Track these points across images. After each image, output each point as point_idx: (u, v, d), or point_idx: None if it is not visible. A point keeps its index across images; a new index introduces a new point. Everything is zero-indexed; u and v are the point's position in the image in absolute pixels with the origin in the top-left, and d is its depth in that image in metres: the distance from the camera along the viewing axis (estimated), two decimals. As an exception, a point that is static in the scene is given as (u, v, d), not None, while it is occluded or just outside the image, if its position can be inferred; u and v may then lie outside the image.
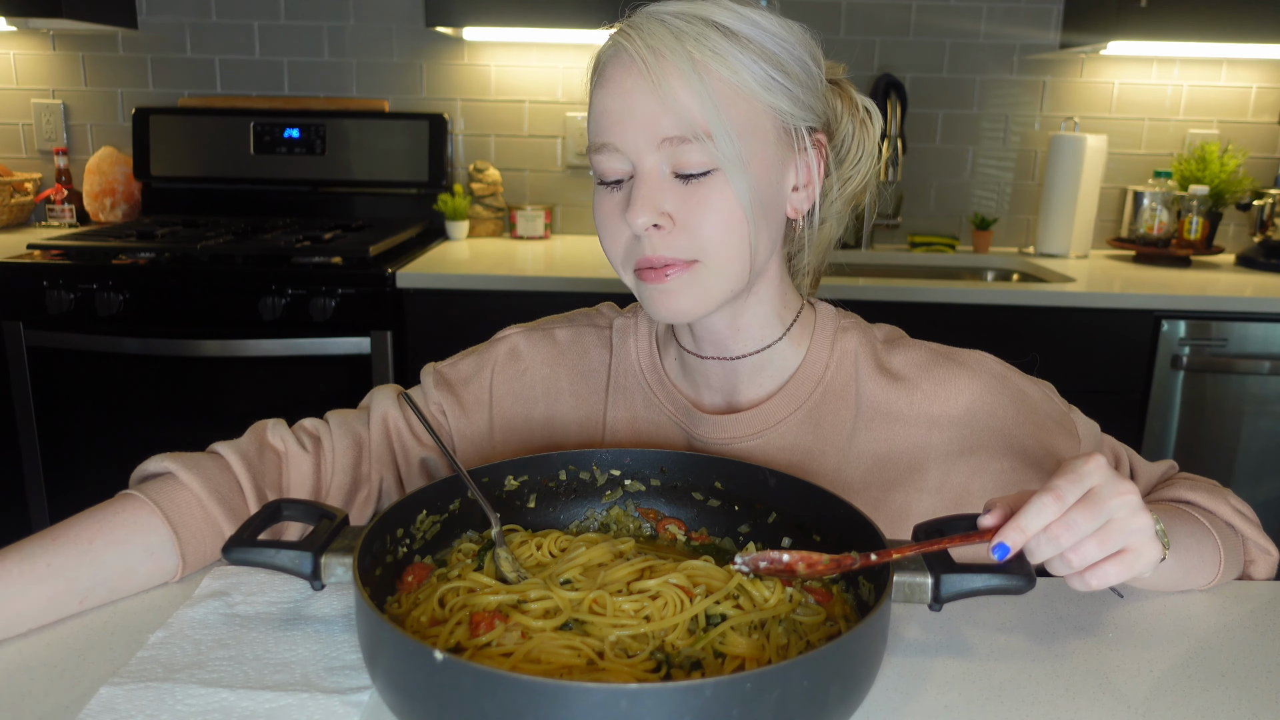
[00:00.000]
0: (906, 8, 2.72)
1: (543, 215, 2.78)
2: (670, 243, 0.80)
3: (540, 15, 2.40)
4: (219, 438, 0.93)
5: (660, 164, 0.79)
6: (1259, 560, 0.88)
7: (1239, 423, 2.29)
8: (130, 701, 0.64)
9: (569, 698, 0.51)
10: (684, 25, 0.78)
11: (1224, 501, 0.88)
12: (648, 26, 0.78)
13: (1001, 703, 0.67)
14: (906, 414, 0.89)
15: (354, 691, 0.66)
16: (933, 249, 2.80)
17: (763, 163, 0.80)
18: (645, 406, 0.95)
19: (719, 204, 0.79)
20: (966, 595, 0.66)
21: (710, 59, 0.77)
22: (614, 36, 0.81)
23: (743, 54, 0.78)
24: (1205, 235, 2.66)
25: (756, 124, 0.79)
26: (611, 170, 0.81)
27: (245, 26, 2.77)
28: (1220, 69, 2.75)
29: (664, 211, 0.79)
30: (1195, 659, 0.73)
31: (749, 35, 0.79)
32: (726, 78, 0.77)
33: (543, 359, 0.98)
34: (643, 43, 0.77)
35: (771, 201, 0.83)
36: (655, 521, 0.85)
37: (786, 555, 0.68)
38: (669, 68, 0.76)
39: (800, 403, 0.90)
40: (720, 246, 0.80)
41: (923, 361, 0.90)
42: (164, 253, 2.26)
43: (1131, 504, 0.65)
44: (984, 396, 0.88)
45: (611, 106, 0.79)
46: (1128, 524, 0.65)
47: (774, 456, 0.90)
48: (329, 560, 0.70)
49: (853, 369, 0.90)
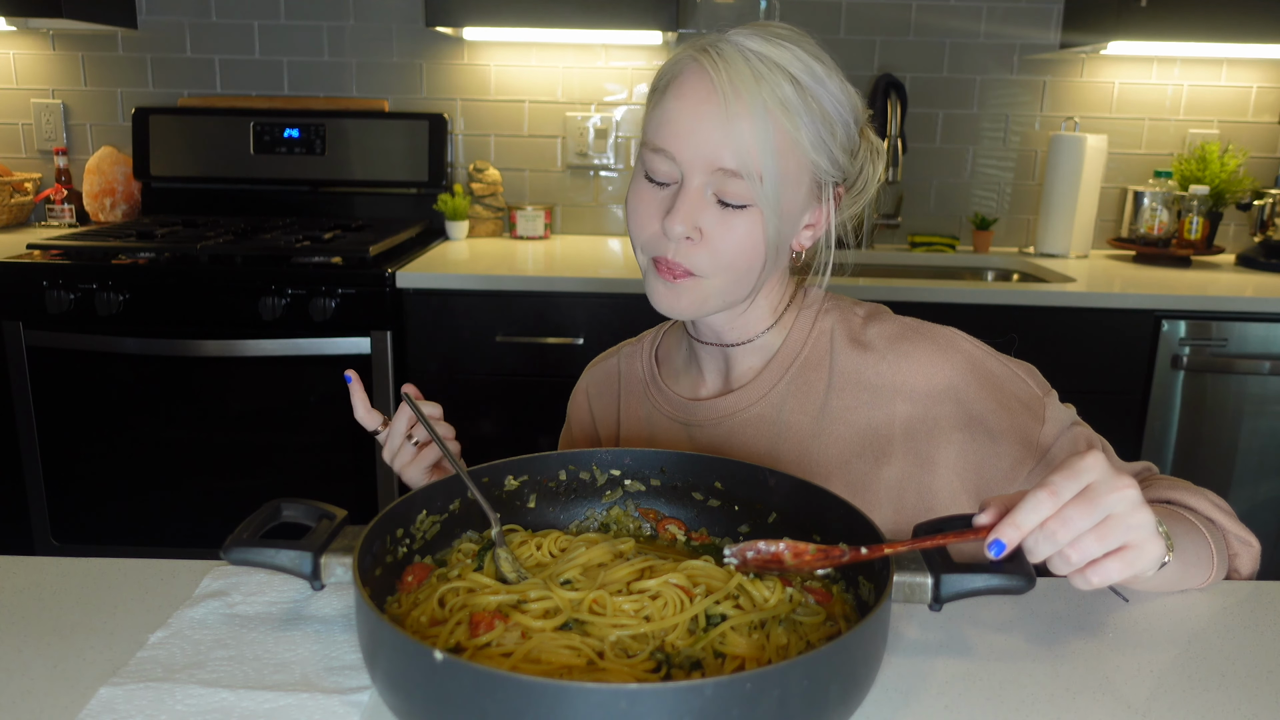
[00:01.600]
0: (906, 8, 2.72)
1: (543, 215, 2.78)
2: (692, 255, 0.88)
3: (540, 15, 2.40)
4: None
5: (706, 185, 0.86)
6: (1241, 553, 0.89)
7: (1239, 423, 2.29)
8: (130, 701, 0.64)
9: (569, 698, 0.51)
10: (765, 70, 0.84)
11: (1203, 498, 0.89)
12: (734, 60, 0.84)
13: (1001, 703, 0.67)
14: (874, 383, 0.94)
15: (354, 691, 0.66)
16: (933, 249, 2.80)
17: (791, 207, 0.89)
18: (647, 410, 1.06)
19: (745, 234, 0.87)
20: (966, 595, 0.66)
21: (779, 110, 0.84)
22: (698, 55, 0.86)
23: (806, 113, 0.85)
24: (1205, 235, 2.65)
25: (798, 176, 0.88)
26: (661, 172, 0.88)
27: (245, 26, 2.77)
28: (1220, 69, 2.75)
29: (698, 226, 0.87)
30: (1195, 659, 0.73)
31: (814, 93, 0.86)
32: (787, 130, 0.85)
33: (588, 393, 1.15)
34: (727, 75, 0.83)
35: (787, 239, 0.92)
36: (655, 521, 0.85)
37: (774, 545, 0.69)
38: (743, 108, 0.83)
39: (780, 376, 0.98)
40: (733, 270, 0.89)
41: (893, 334, 0.95)
42: (164, 253, 2.26)
43: (1131, 499, 0.65)
44: (946, 370, 0.92)
45: (680, 120, 0.86)
46: (1127, 520, 0.65)
47: (755, 425, 0.98)
48: (329, 560, 0.70)
49: (829, 343, 0.97)
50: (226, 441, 2.27)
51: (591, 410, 1.14)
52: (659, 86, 0.90)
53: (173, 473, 2.30)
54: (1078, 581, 0.67)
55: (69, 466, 2.32)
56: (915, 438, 0.92)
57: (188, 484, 2.31)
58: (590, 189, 2.88)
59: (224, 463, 2.28)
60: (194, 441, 2.28)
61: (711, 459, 0.83)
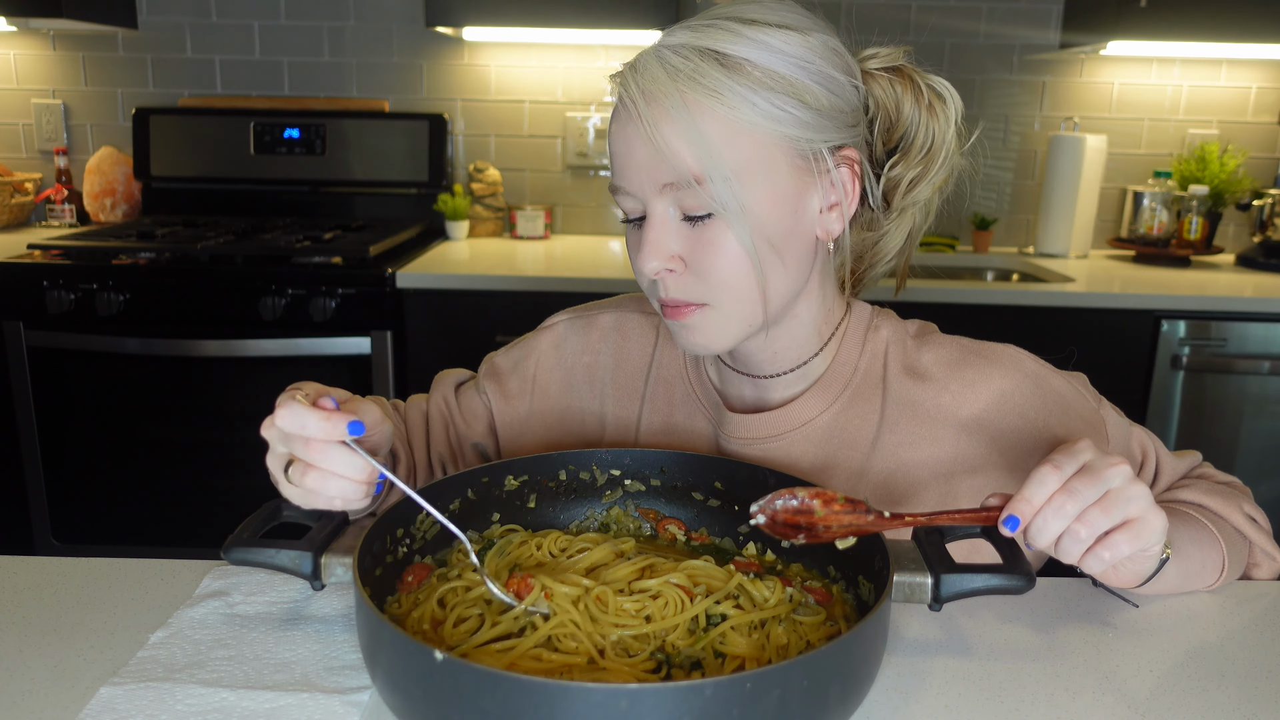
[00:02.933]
0: (906, 8, 2.72)
1: (543, 215, 2.78)
2: (682, 285, 0.79)
3: (540, 15, 2.40)
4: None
5: (668, 207, 0.77)
6: (1263, 564, 0.88)
7: (1239, 423, 2.29)
8: (130, 701, 0.64)
9: (569, 698, 0.51)
10: (680, 63, 0.74)
11: (1236, 508, 0.88)
12: (645, 66, 0.75)
13: (1001, 703, 0.67)
14: (934, 416, 0.86)
15: (354, 691, 0.66)
16: (933, 249, 2.80)
17: (772, 198, 0.77)
18: (683, 401, 0.94)
19: (724, 247, 0.76)
20: (967, 595, 0.66)
21: (705, 97, 0.73)
22: (616, 76, 0.79)
23: (743, 87, 0.74)
24: (1205, 235, 2.65)
25: (765, 158, 0.75)
26: (629, 209, 0.80)
27: (245, 26, 2.77)
28: (1220, 69, 2.75)
29: (674, 254, 0.78)
30: (1195, 659, 0.73)
31: (756, 61, 0.74)
32: (724, 115, 0.74)
33: (584, 348, 0.99)
34: (637, 86, 0.75)
35: (788, 234, 0.79)
36: (655, 521, 0.85)
37: (799, 496, 0.68)
38: (659, 113, 0.74)
39: (828, 404, 0.88)
40: (730, 290, 0.78)
41: (952, 359, 0.87)
42: (164, 253, 2.26)
43: (1125, 473, 0.66)
44: (1015, 396, 0.85)
45: (617, 150, 0.79)
46: (1126, 492, 0.65)
47: (797, 460, 0.88)
48: (329, 560, 0.70)
49: (881, 370, 0.88)
50: (226, 441, 2.27)
51: (568, 371, 0.99)
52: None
53: (173, 473, 2.30)
54: (1090, 563, 0.66)
55: (69, 466, 2.32)
56: (977, 471, 0.86)
57: (188, 484, 2.31)
58: (590, 189, 2.88)
59: (224, 463, 2.28)
60: (194, 441, 2.28)
61: (711, 459, 0.83)
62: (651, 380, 0.96)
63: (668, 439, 0.95)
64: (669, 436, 0.94)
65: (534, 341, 1.01)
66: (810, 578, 0.76)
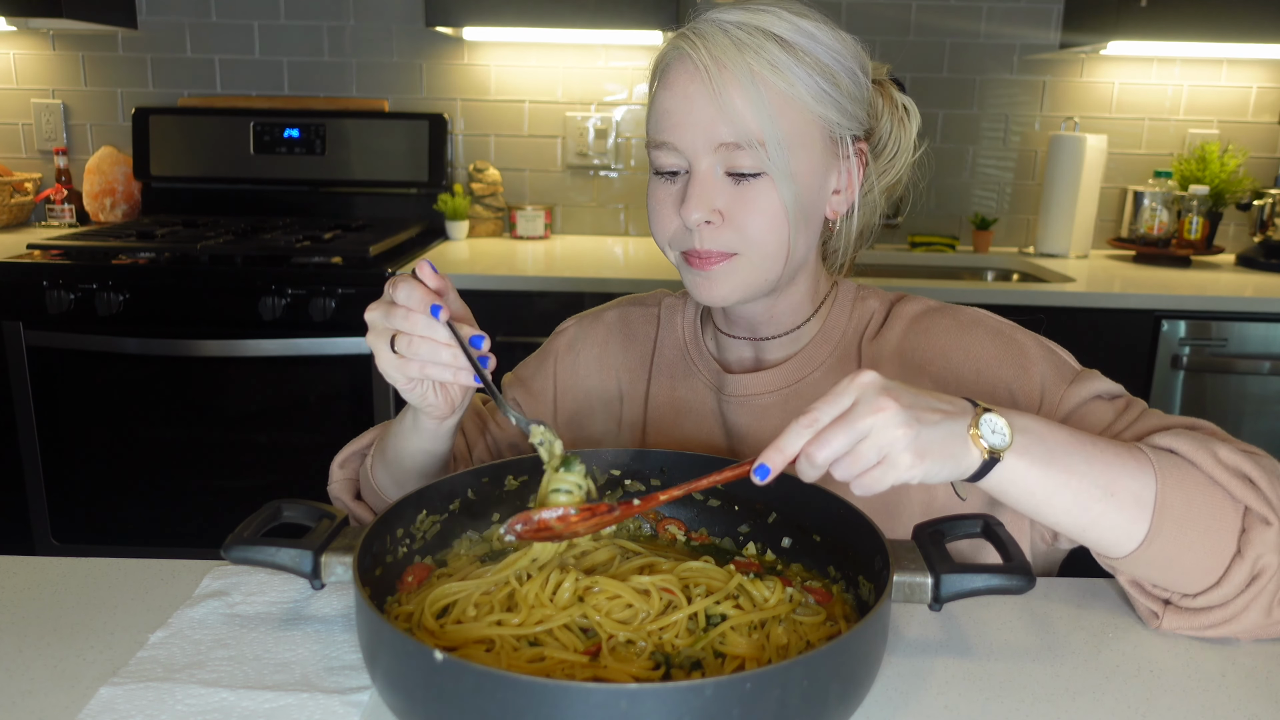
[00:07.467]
0: (906, 8, 2.72)
1: (543, 215, 2.78)
2: (717, 237, 0.86)
3: (540, 15, 2.40)
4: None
5: (715, 165, 0.85)
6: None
7: (1239, 423, 2.29)
8: (130, 701, 0.64)
9: (569, 698, 0.51)
10: (745, 36, 0.83)
11: (1209, 453, 0.74)
12: (711, 35, 0.83)
13: (1001, 703, 0.67)
14: (908, 366, 0.92)
15: (354, 691, 0.66)
16: (933, 249, 2.80)
17: (809, 169, 0.86)
18: (685, 372, 1.03)
19: (765, 205, 0.85)
20: (966, 595, 0.66)
21: (768, 71, 0.82)
22: (677, 41, 0.86)
23: (798, 67, 0.83)
24: (1205, 235, 2.65)
25: (806, 133, 0.85)
26: (668, 164, 0.87)
27: (245, 26, 2.77)
28: (1220, 69, 2.75)
29: (715, 209, 0.85)
30: (1195, 659, 0.73)
31: (805, 48, 0.84)
32: (782, 89, 0.83)
33: (593, 340, 1.08)
34: (706, 51, 0.83)
35: (813, 205, 0.89)
36: (655, 521, 0.85)
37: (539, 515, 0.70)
38: (729, 78, 0.82)
39: (818, 363, 0.96)
40: (762, 244, 0.86)
41: (920, 314, 0.94)
42: (164, 253, 2.26)
43: (887, 419, 0.64)
44: (974, 347, 0.91)
45: (673, 108, 0.85)
46: (878, 438, 0.64)
47: (793, 414, 0.89)
48: (329, 560, 0.70)
49: (866, 330, 0.96)
50: (226, 441, 2.27)
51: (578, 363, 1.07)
52: (651, 83, 0.90)
53: (173, 473, 2.30)
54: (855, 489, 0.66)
55: (69, 466, 2.32)
56: None
57: (188, 484, 2.30)
58: (590, 189, 2.88)
59: (224, 463, 2.28)
60: (194, 441, 2.28)
61: (711, 459, 0.83)
62: (656, 358, 1.05)
63: (674, 408, 1.02)
64: (675, 406, 1.02)
65: (551, 345, 1.10)
66: (810, 578, 0.76)
